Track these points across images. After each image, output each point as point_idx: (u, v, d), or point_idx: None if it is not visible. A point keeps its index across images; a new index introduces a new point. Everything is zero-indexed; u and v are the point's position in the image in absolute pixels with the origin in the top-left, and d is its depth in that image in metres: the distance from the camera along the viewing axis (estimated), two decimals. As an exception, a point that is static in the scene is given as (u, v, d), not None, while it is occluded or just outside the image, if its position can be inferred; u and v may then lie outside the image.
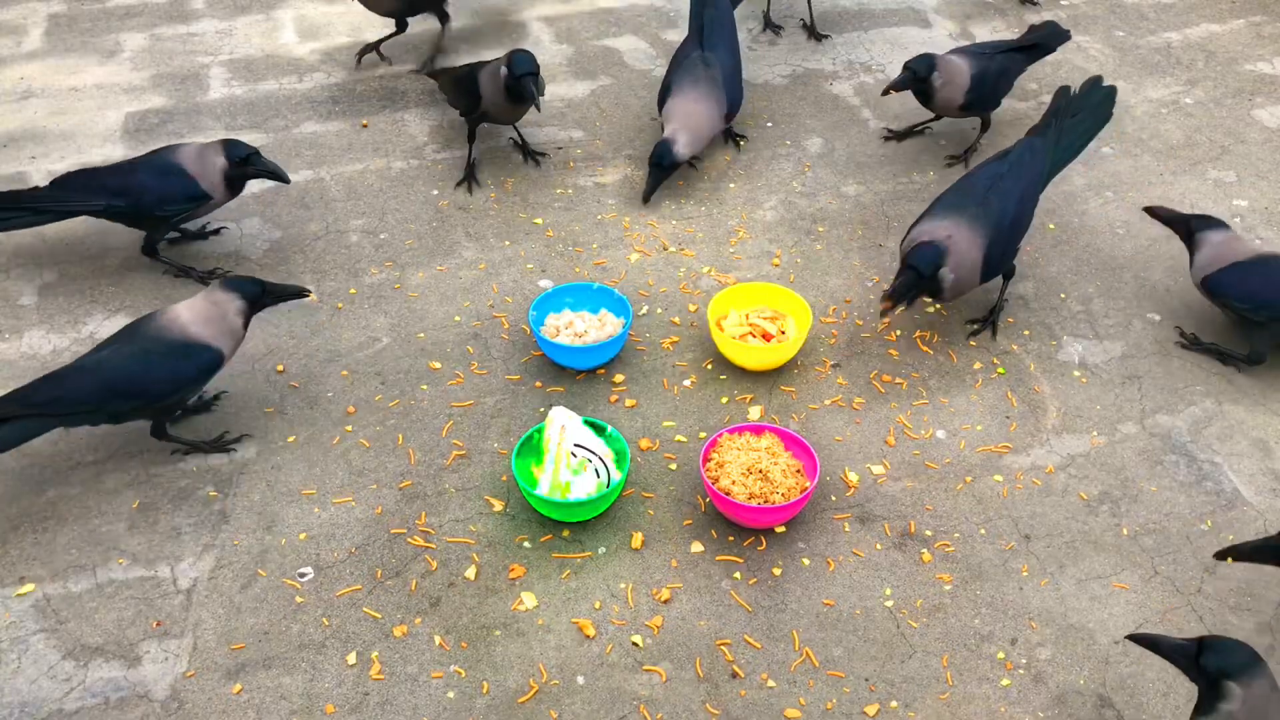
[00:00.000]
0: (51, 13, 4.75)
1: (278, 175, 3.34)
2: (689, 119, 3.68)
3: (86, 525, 2.72)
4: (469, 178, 3.80)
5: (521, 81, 3.52)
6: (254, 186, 3.78)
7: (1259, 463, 2.88)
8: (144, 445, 2.88)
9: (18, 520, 2.73)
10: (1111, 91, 3.54)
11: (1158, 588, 2.59)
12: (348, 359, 3.16)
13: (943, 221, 3.05)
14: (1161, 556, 2.66)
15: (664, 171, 3.67)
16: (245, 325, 2.84)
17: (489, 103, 3.67)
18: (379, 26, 4.63)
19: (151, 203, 3.27)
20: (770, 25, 4.67)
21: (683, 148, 3.65)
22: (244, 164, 3.30)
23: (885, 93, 3.77)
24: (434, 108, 4.17)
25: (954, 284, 3.03)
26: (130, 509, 2.75)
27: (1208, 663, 2.06)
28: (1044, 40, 3.99)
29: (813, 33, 4.63)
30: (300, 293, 2.92)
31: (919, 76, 3.69)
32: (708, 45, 3.84)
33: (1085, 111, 3.46)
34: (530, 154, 3.93)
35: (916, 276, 2.97)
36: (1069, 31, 4.05)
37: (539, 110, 3.65)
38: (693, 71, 3.76)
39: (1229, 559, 2.47)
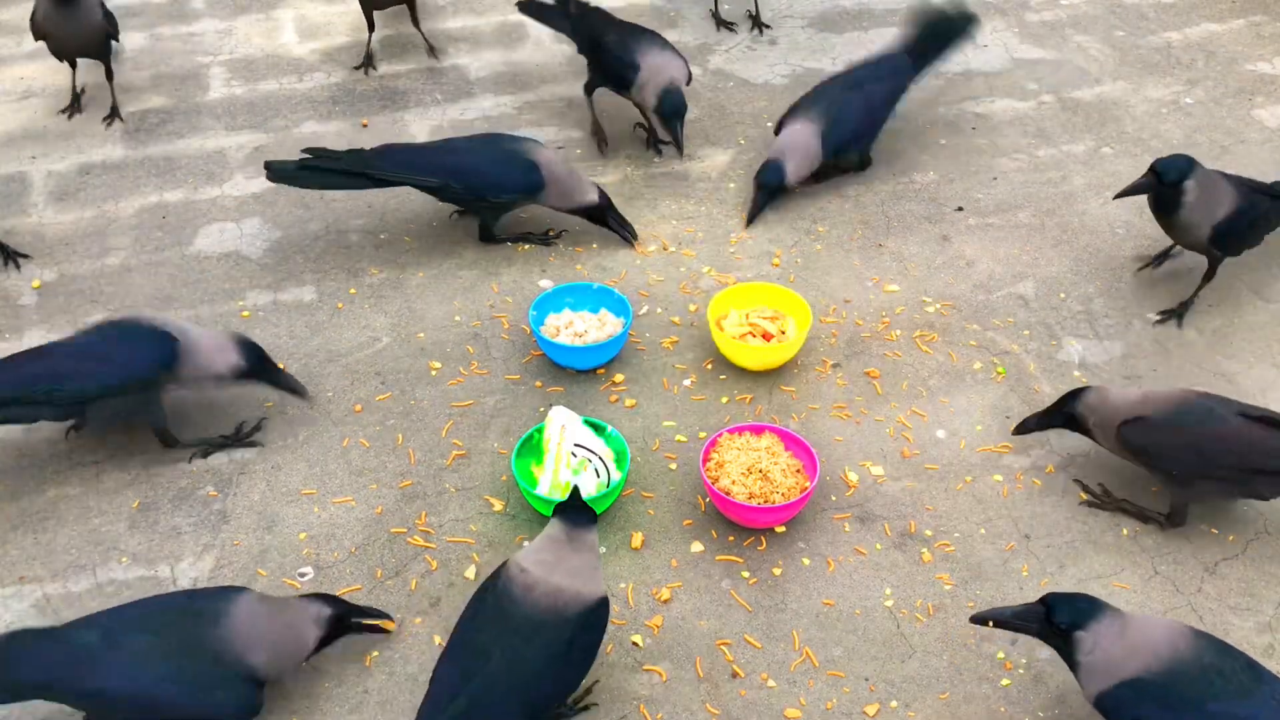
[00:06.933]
0: (51, 13, 4.75)
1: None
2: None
3: (86, 525, 2.72)
4: (367, 62, 4.34)
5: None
6: (253, 186, 3.79)
7: (1259, 463, 2.88)
8: (144, 445, 2.88)
9: (18, 520, 2.73)
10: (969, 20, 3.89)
11: (1158, 588, 2.59)
12: (348, 359, 3.16)
13: (790, 126, 3.68)
14: (1161, 556, 2.66)
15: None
16: None
17: None
18: (379, 27, 4.64)
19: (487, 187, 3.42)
20: (722, 23, 4.68)
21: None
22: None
23: (1118, 196, 3.21)
24: (434, 107, 4.18)
25: (795, 173, 3.60)
26: (130, 509, 2.75)
27: (1059, 619, 2.16)
28: None
29: (757, 23, 4.65)
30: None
31: (1164, 181, 3.06)
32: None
33: (948, 35, 3.89)
34: (432, 50, 4.36)
35: (769, 192, 3.60)
36: None
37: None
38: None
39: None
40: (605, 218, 3.48)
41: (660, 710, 2.35)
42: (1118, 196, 3.24)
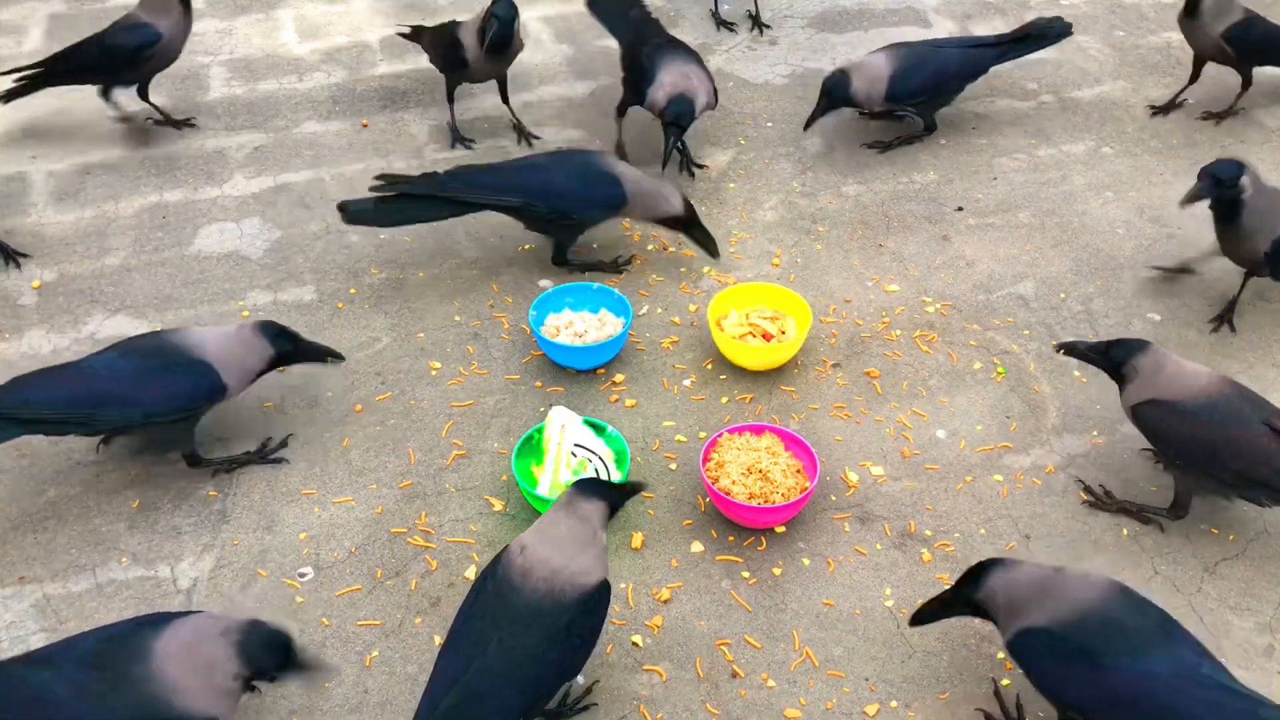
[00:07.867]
0: (52, 12, 4.76)
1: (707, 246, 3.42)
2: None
3: (86, 525, 2.72)
4: (456, 138, 3.99)
5: (490, 20, 3.63)
6: (253, 186, 3.79)
7: (1259, 463, 2.87)
8: (144, 445, 2.88)
9: (18, 520, 2.73)
10: (1066, 28, 4.05)
11: (1158, 588, 2.59)
12: (348, 359, 3.16)
13: (871, 56, 3.90)
14: (1161, 556, 2.66)
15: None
16: None
17: (471, 56, 3.76)
18: (379, 27, 4.64)
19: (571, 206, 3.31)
20: (722, 23, 4.71)
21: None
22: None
23: (1184, 204, 3.11)
24: (434, 107, 4.17)
25: (858, 94, 3.80)
26: (130, 509, 2.75)
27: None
28: None
29: (757, 23, 4.68)
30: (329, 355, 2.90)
31: (1224, 183, 3.02)
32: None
33: (1034, 39, 4.05)
34: (525, 134, 4.01)
35: (831, 102, 3.80)
36: None
37: (500, 46, 3.71)
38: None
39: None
40: (690, 229, 3.38)
41: (660, 710, 2.35)
42: (1183, 205, 3.11)
